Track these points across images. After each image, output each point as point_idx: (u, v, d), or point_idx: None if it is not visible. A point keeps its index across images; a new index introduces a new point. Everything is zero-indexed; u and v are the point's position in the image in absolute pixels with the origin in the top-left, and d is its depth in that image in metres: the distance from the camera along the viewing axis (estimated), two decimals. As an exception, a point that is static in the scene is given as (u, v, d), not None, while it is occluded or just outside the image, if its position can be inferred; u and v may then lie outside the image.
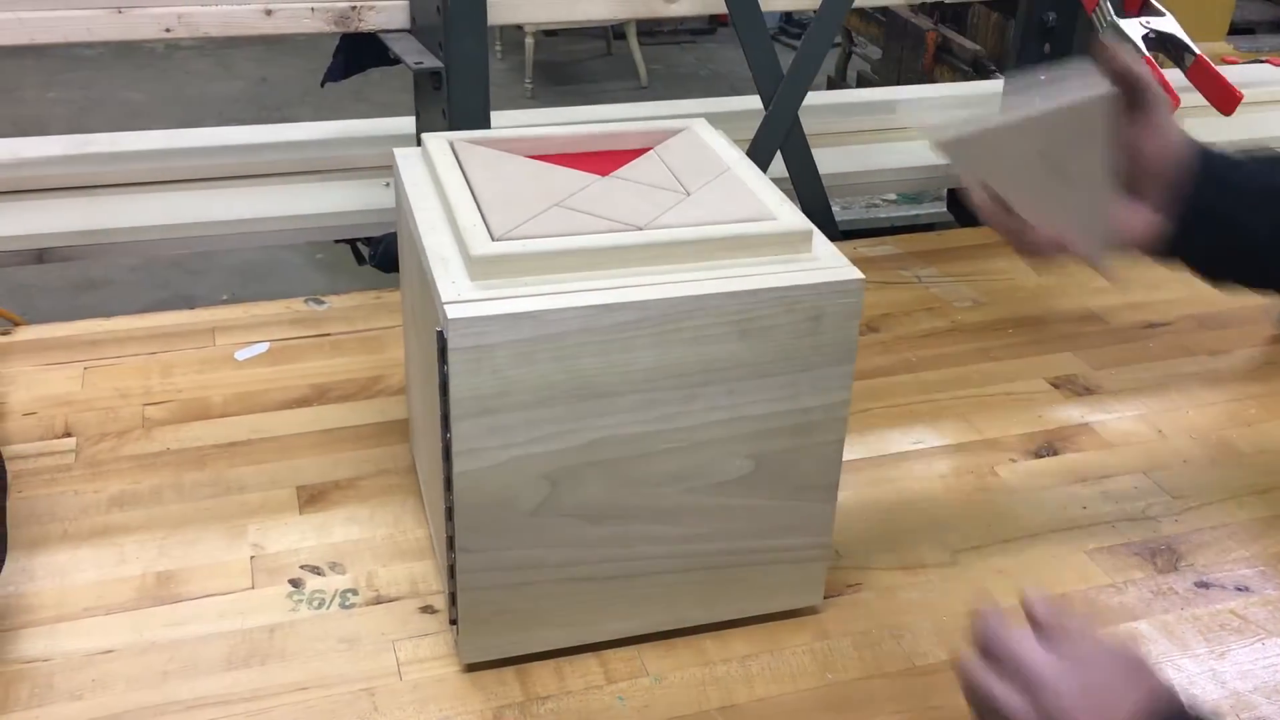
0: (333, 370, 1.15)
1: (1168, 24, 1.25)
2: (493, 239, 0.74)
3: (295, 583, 0.89)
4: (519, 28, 4.49)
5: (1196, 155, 0.75)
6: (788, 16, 5.06)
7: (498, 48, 4.91)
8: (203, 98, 4.26)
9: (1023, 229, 0.75)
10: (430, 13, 1.23)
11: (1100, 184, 0.75)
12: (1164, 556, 0.95)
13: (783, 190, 0.83)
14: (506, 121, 1.58)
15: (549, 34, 4.96)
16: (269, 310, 1.25)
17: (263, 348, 1.18)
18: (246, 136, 1.63)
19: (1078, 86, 0.73)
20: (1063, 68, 0.75)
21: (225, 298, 2.86)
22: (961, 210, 2.19)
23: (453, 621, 0.81)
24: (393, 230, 1.37)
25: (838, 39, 3.63)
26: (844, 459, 0.82)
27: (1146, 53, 1.22)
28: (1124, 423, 1.13)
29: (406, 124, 1.60)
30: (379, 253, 1.56)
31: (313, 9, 1.28)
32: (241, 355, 1.17)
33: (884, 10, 3.27)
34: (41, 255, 1.41)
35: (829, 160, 1.60)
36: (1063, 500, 1.01)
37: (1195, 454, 1.08)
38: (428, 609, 0.87)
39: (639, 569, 0.81)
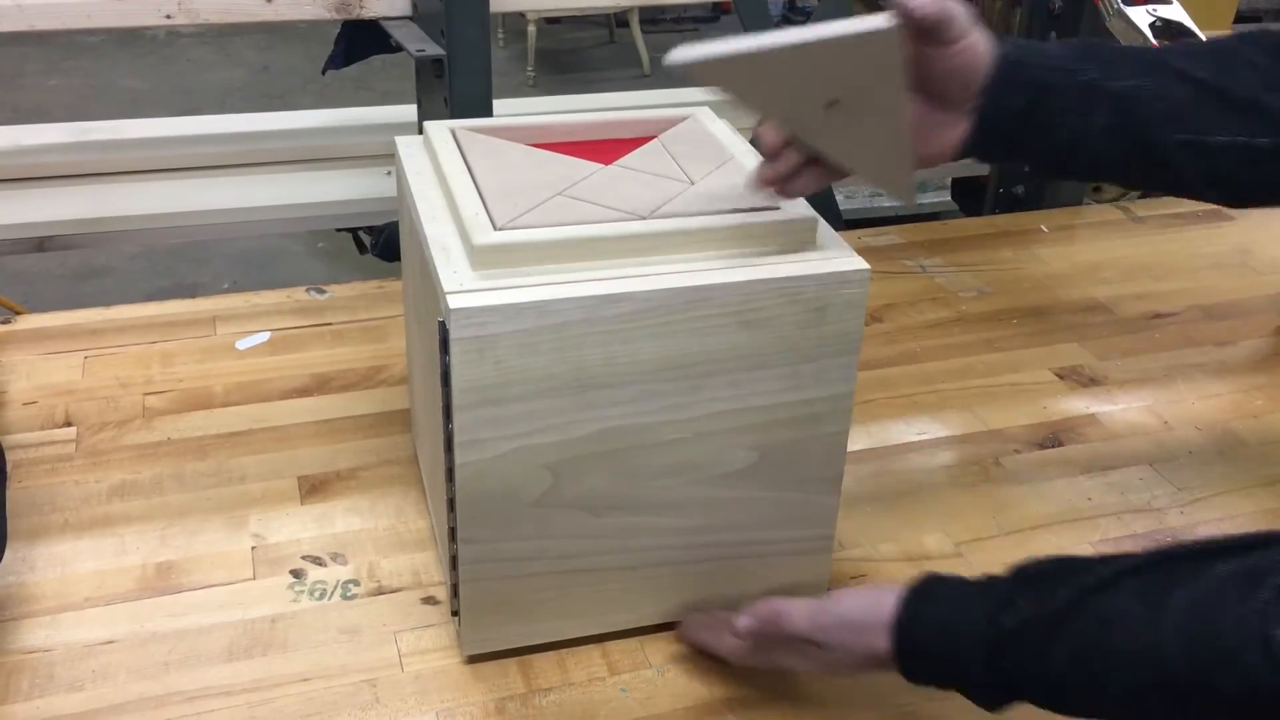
0: (334, 360, 1.15)
1: (1175, 11, 1.25)
2: (495, 228, 0.73)
3: (297, 573, 0.88)
4: (521, 15, 4.48)
5: (1002, 56, 0.73)
6: (791, 4, 5.04)
7: (500, 36, 4.90)
8: (204, 86, 4.26)
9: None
10: (432, 0, 1.22)
11: (898, 118, 0.71)
12: (1169, 548, 0.95)
13: (787, 179, 0.82)
14: (509, 110, 1.58)
15: (551, 22, 4.95)
16: (270, 299, 1.25)
17: (264, 337, 1.18)
18: (248, 125, 1.63)
19: (859, 22, 0.67)
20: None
21: (226, 286, 2.86)
22: (966, 200, 2.19)
23: (454, 613, 0.81)
24: (394, 219, 1.37)
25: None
26: (848, 450, 0.82)
27: (1154, 40, 1.22)
28: (1129, 414, 1.12)
29: (408, 112, 1.60)
30: (380, 242, 1.56)
31: (314, -4, 1.27)
32: (242, 345, 1.16)
33: (888, -2, 3.25)
34: (42, 243, 1.41)
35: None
36: (1068, 491, 1.01)
37: (1201, 445, 1.08)
38: (429, 600, 0.86)
39: (642, 560, 0.80)
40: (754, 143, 0.77)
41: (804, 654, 0.73)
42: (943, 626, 0.67)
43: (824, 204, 1.47)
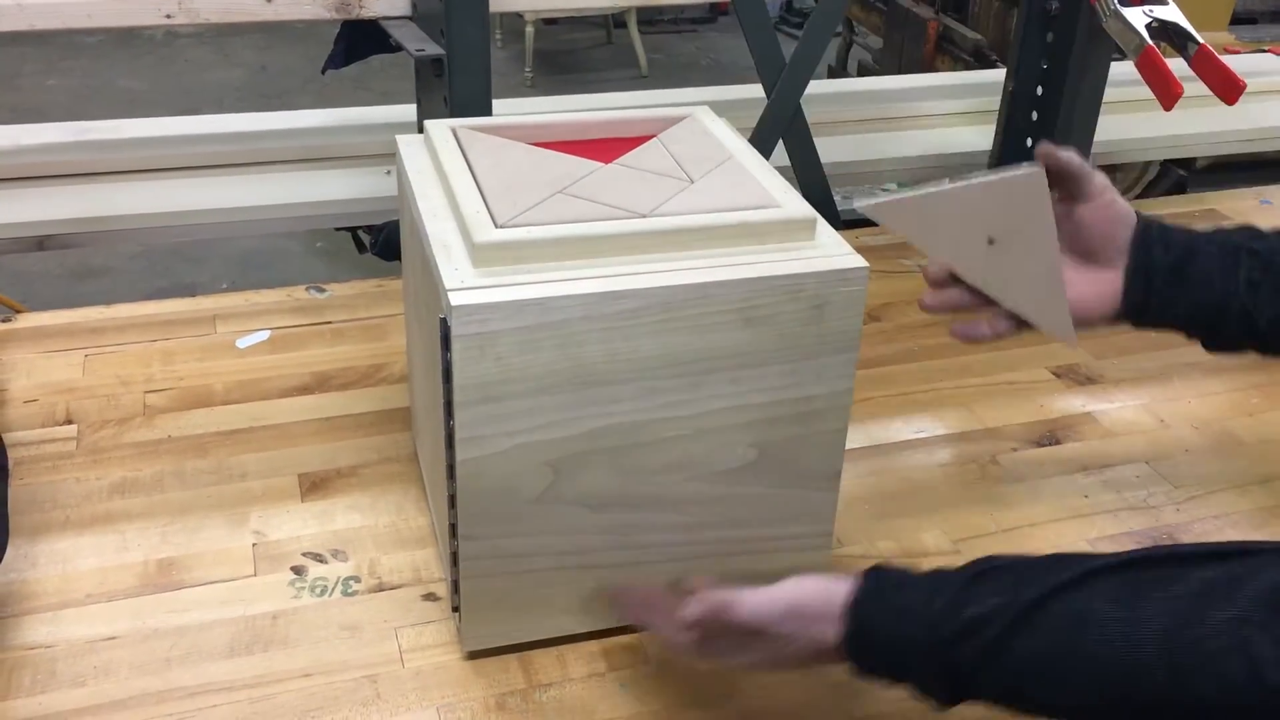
0: (334, 358, 1.15)
1: (1171, 12, 1.25)
2: (496, 226, 0.73)
3: (297, 570, 0.89)
4: (519, 16, 4.48)
5: (1145, 218, 0.81)
6: (788, 5, 5.05)
7: (498, 36, 4.90)
8: (202, 86, 4.26)
9: (974, 304, 0.82)
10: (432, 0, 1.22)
11: (1048, 256, 0.78)
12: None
13: (785, 179, 0.83)
14: (508, 110, 1.58)
15: (549, 22, 4.95)
16: (270, 298, 1.25)
17: (264, 335, 1.18)
18: (246, 124, 1.62)
19: (1009, 170, 0.78)
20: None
21: (225, 286, 2.86)
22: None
23: (455, 609, 0.81)
24: (393, 218, 1.37)
25: (839, 29, 3.62)
26: (846, 448, 0.82)
27: (1150, 41, 1.22)
28: (1126, 412, 1.13)
29: (407, 112, 1.59)
30: (380, 241, 1.56)
31: (313, -4, 1.27)
32: (243, 343, 1.17)
33: (885, -1, 3.26)
34: (42, 242, 1.40)
35: (830, 149, 1.60)
36: (1065, 489, 1.01)
37: (1197, 443, 1.08)
38: (430, 596, 0.87)
39: (641, 557, 0.81)
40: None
41: (748, 647, 0.71)
42: (898, 614, 0.65)
43: (822, 203, 1.48)
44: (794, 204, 0.78)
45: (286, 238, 3.04)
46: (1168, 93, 1.45)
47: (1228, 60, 1.27)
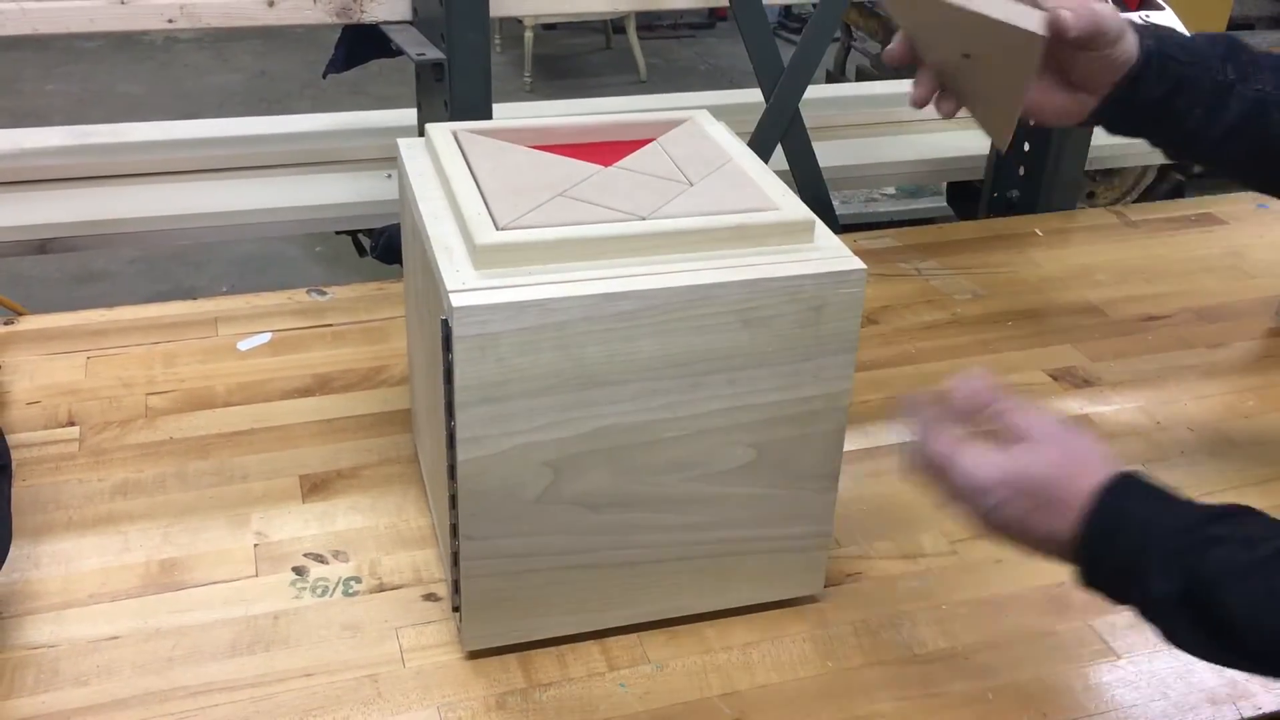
0: (335, 360, 1.16)
1: (1166, 18, 1.26)
2: (497, 228, 0.74)
3: (299, 570, 0.89)
4: (518, 21, 4.49)
5: (1147, 51, 0.79)
6: (786, 10, 5.06)
7: (497, 41, 4.91)
8: (202, 90, 4.26)
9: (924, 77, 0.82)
10: (432, 4, 1.23)
11: (1014, 96, 0.79)
12: (1162, 546, 0.96)
13: (783, 182, 0.83)
14: (508, 114, 1.59)
15: (548, 28, 4.96)
16: (271, 301, 1.25)
17: (265, 338, 1.19)
18: (246, 128, 1.63)
19: (1018, 10, 0.75)
20: None
21: (225, 290, 2.86)
22: (961, 204, 2.20)
23: (455, 609, 0.82)
24: (393, 222, 1.38)
25: (837, 34, 3.63)
26: (845, 449, 0.83)
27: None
28: (1123, 414, 1.13)
29: (407, 116, 1.61)
30: (380, 244, 1.56)
31: (315, 0, 1.28)
32: (244, 345, 1.17)
33: (883, 4, 3.27)
34: (43, 246, 1.41)
35: (828, 154, 1.61)
36: (1061, 491, 1.02)
37: (1193, 446, 1.09)
38: (430, 597, 0.87)
39: (641, 557, 0.81)
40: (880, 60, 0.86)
41: (973, 504, 0.68)
42: (1144, 522, 0.63)
43: (820, 207, 1.48)
44: (792, 206, 0.79)
45: (286, 242, 3.05)
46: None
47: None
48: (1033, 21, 0.75)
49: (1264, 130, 0.79)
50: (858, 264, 0.76)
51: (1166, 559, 0.62)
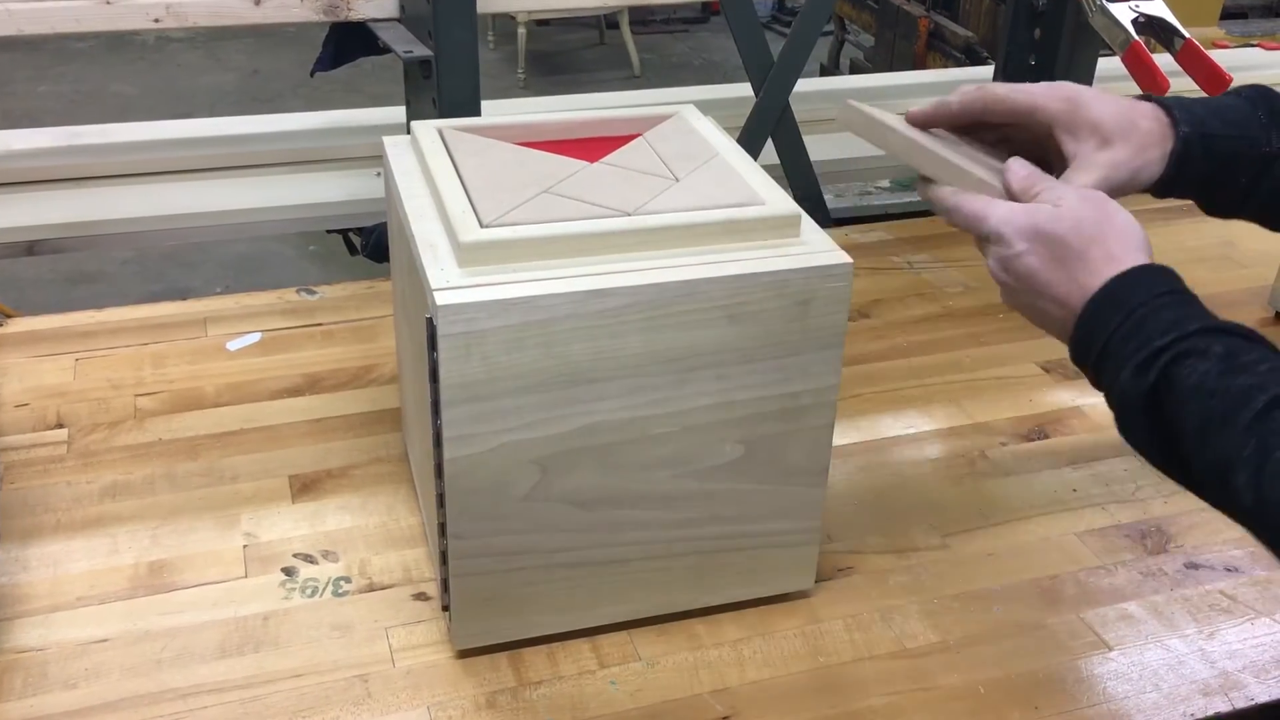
0: (325, 360, 1.15)
1: (1156, 7, 1.26)
2: (481, 226, 0.74)
3: (288, 571, 0.89)
4: (511, 17, 4.48)
5: (1184, 139, 0.75)
6: (780, 4, 5.05)
7: (490, 38, 4.90)
8: (194, 90, 4.26)
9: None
10: (419, 1, 1.23)
11: None
12: (1154, 538, 0.96)
13: (775, 178, 0.83)
14: (497, 111, 1.58)
15: (541, 24, 4.95)
16: (261, 300, 1.25)
17: (255, 338, 1.18)
18: (237, 127, 1.63)
19: (975, 165, 0.73)
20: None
21: (219, 290, 2.86)
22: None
23: (445, 608, 0.81)
24: (384, 220, 1.37)
25: (830, 27, 3.63)
26: (836, 444, 0.83)
27: (1136, 36, 1.23)
28: (1114, 406, 1.13)
29: (397, 114, 1.60)
30: (370, 243, 1.56)
31: (302, -2, 1.27)
32: (233, 345, 1.17)
33: (876, -3, 3.27)
34: (32, 247, 1.40)
35: (821, 147, 1.60)
36: (1053, 483, 1.02)
37: (1185, 436, 1.09)
38: (420, 596, 0.87)
39: (630, 554, 0.81)
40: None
41: (998, 251, 0.68)
42: (1143, 312, 0.64)
43: (811, 201, 1.48)
44: (779, 201, 0.78)
45: (280, 241, 3.05)
46: (1154, 87, 1.45)
47: (1215, 55, 1.27)
48: (991, 180, 0.72)
49: None
50: (844, 258, 0.76)
51: (1150, 355, 0.62)
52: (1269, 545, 0.59)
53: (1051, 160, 0.75)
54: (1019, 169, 0.70)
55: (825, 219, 1.53)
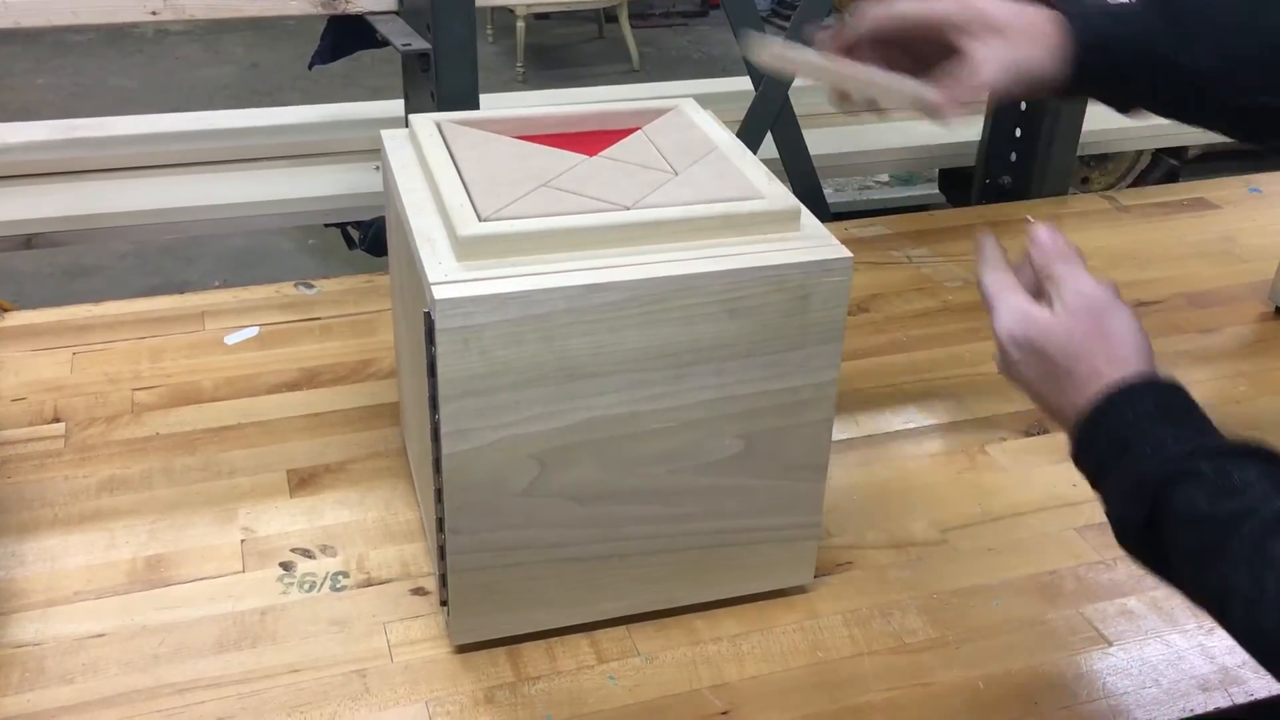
0: (323, 354, 1.15)
1: None
2: (479, 219, 0.73)
3: (286, 566, 0.89)
4: (510, 11, 4.47)
5: (1082, 48, 0.74)
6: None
7: (489, 31, 4.90)
8: (193, 83, 4.25)
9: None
10: (418, -6, 1.22)
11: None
12: (1153, 533, 0.95)
13: (774, 172, 0.83)
14: (497, 104, 1.58)
15: (540, 17, 4.94)
16: (258, 295, 1.25)
17: (252, 332, 1.18)
18: (236, 121, 1.63)
19: (902, 84, 0.74)
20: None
21: (217, 284, 2.86)
22: (953, 191, 2.19)
23: (443, 603, 0.81)
24: (382, 214, 1.37)
25: (830, 20, 3.62)
26: (836, 438, 0.83)
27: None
28: (1114, 401, 1.12)
29: (396, 107, 1.60)
30: (369, 237, 1.56)
31: (299, -9, 1.27)
32: (231, 340, 1.17)
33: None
34: (29, 240, 1.40)
35: (821, 141, 1.60)
36: (1053, 478, 1.01)
37: (1185, 431, 1.08)
38: (419, 591, 0.87)
39: (629, 549, 0.81)
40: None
41: (998, 351, 0.68)
42: (1137, 436, 0.61)
43: (810, 195, 1.48)
44: (778, 195, 0.78)
45: (279, 236, 3.04)
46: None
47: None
48: (912, 97, 0.73)
49: (1213, 98, 0.75)
50: (844, 252, 0.75)
51: (1138, 483, 0.60)
52: (1272, 673, 0.57)
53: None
54: (1044, 237, 0.68)
55: (824, 213, 1.53)
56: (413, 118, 0.88)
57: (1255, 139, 0.81)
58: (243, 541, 0.91)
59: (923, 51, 0.76)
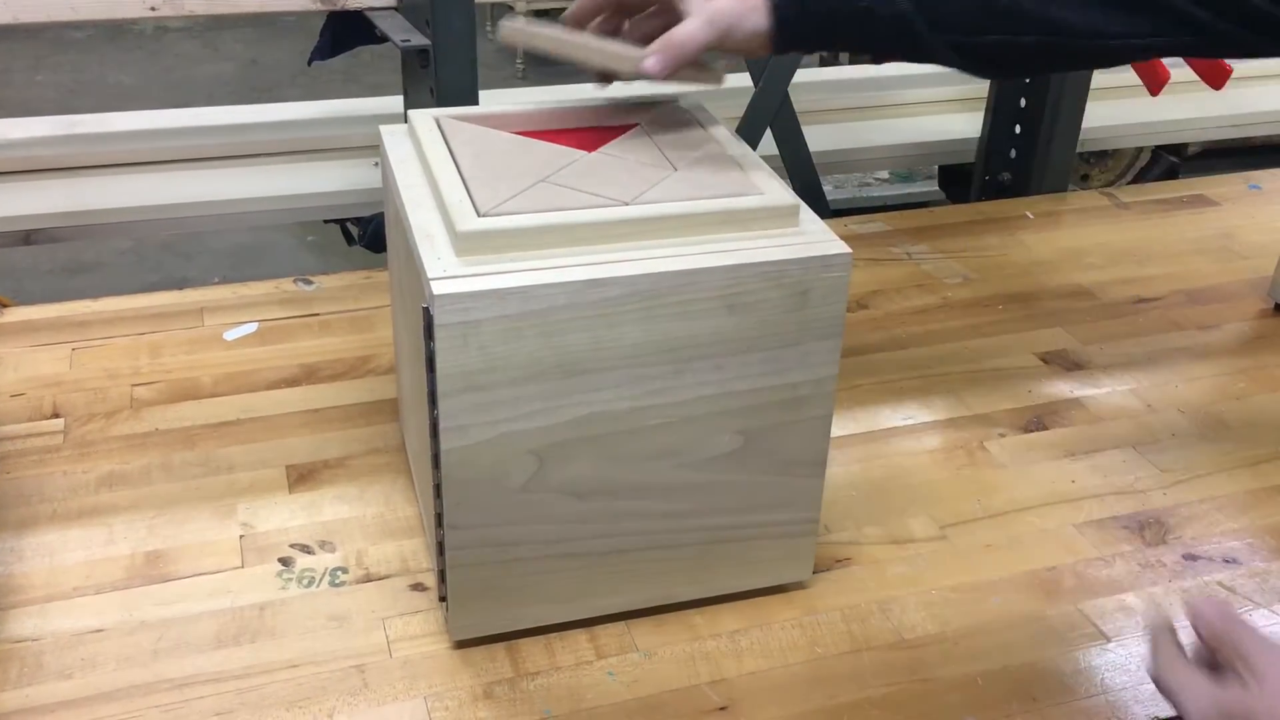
0: (322, 350, 1.15)
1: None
2: (478, 215, 0.73)
3: (285, 561, 0.89)
4: (510, 7, 4.47)
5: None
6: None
7: (489, 29, 4.89)
8: (192, 80, 4.24)
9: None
10: (417, -10, 1.22)
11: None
12: (1152, 529, 0.95)
13: (773, 168, 0.83)
14: (495, 101, 1.58)
15: (540, 13, 4.94)
16: (258, 290, 1.25)
17: (252, 328, 1.18)
18: (235, 117, 1.62)
19: (614, 48, 0.83)
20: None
21: (217, 280, 2.85)
22: (953, 187, 2.19)
23: (442, 598, 0.81)
24: (381, 210, 1.37)
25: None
26: (835, 435, 0.83)
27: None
28: (1113, 397, 1.13)
29: (395, 103, 1.59)
30: (368, 233, 1.56)
31: (299, -14, 1.27)
32: (230, 335, 1.17)
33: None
34: (28, 236, 1.40)
35: (820, 138, 1.60)
36: (1052, 474, 1.01)
37: (1184, 428, 1.09)
38: (418, 586, 0.87)
39: (628, 545, 0.81)
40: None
41: None
42: None
43: (810, 191, 1.48)
44: (777, 191, 0.78)
45: (278, 231, 3.04)
46: (1154, 79, 1.45)
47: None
48: (629, 65, 0.81)
49: (914, 39, 0.80)
50: (843, 248, 0.75)
51: None
52: None
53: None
54: (1207, 612, 0.62)
55: (824, 210, 1.53)
56: (411, 113, 0.88)
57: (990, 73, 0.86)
58: (242, 537, 0.91)
59: (651, 23, 0.84)
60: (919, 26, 0.79)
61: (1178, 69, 1.31)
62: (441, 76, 1.24)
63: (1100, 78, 1.54)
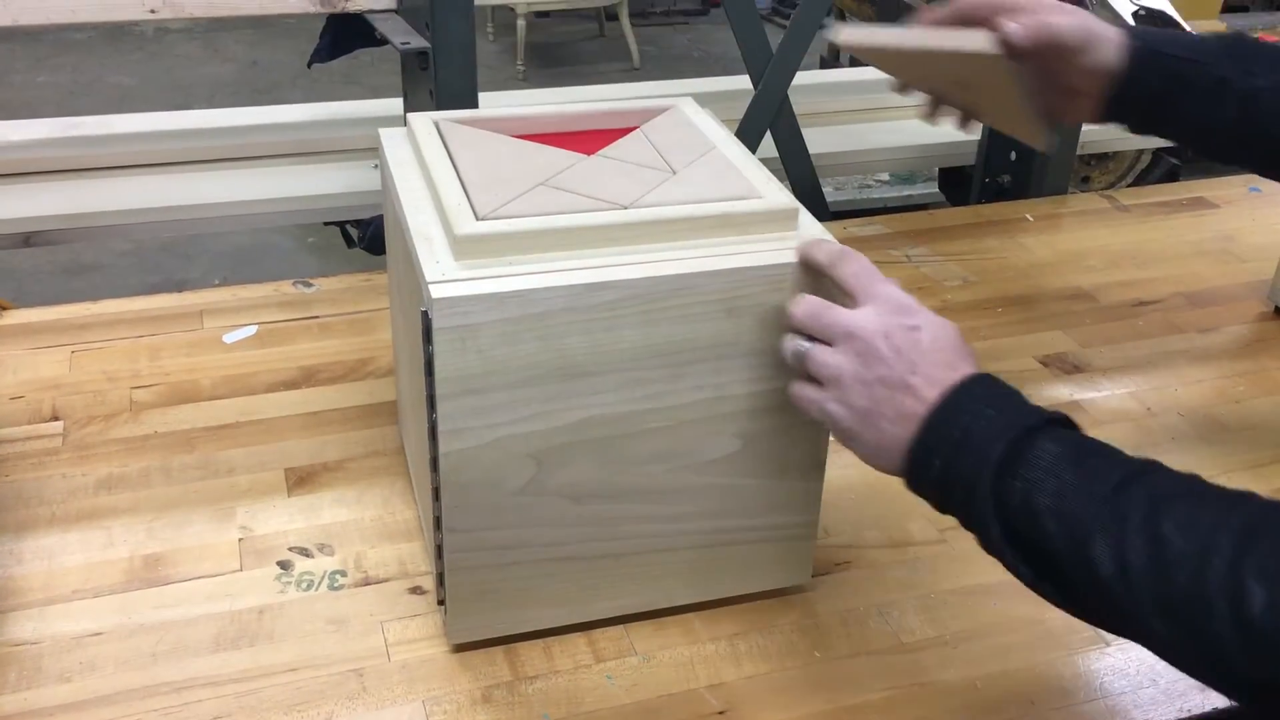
0: (321, 352, 1.15)
1: (1158, 0, 1.25)
2: (477, 218, 0.73)
3: (284, 564, 0.89)
4: (510, 9, 4.47)
5: (1136, 49, 0.82)
6: (780, -3, 5.04)
7: (489, 30, 4.90)
8: (193, 81, 4.25)
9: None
10: (417, -8, 1.22)
11: (1014, 101, 0.83)
12: (1152, 533, 0.95)
13: (773, 171, 0.83)
14: (495, 103, 1.58)
15: (541, 15, 4.94)
16: (257, 293, 1.25)
17: (251, 330, 1.18)
18: (235, 119, 1.63)
19: (966, 38, 0.81)
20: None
21: (217, 282, 2.86)
22: (953, 190, 2.19)
23: (441, 602, 0.81)
24: (381, 213, 1.37)
25: (829, 19, 3.62)
26: (832, 437, 0.82)
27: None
28: (1113, 400, 1.13)
29: (395, 105, 1.60)
30: (368, 235, 1.56)
31: (299, -11, 1.27)
32: (230, 338, 1.17)
33: (876, -10, 3.26)
34: (28, 238, 1.40)
35: (820, 140, 1.60)
36: (1051, 478, 1.01)
37: (1184, 431, 1.08)
38: (416, 590, 0.87)
39: (626, 549, 0.81)
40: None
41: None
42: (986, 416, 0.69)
43: (809, 194, 1.48)
44: (776, 194, 0.78)
45: (278, 234, 3.04)
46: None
47: (1214, 48, 1.26)
48: (982, 43, 0.79)
49: (1260, 124, 0.81)
50: (842, 252, 0.75)
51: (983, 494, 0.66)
52: (1129, 618, 0.59)
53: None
54: (813, 250, 0.74)
55: (824, 212, 1.53)
56: (411, 116, 0.88)
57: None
58: (240, 540, 0.91)
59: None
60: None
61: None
62: (441, 79, 1.24)
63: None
